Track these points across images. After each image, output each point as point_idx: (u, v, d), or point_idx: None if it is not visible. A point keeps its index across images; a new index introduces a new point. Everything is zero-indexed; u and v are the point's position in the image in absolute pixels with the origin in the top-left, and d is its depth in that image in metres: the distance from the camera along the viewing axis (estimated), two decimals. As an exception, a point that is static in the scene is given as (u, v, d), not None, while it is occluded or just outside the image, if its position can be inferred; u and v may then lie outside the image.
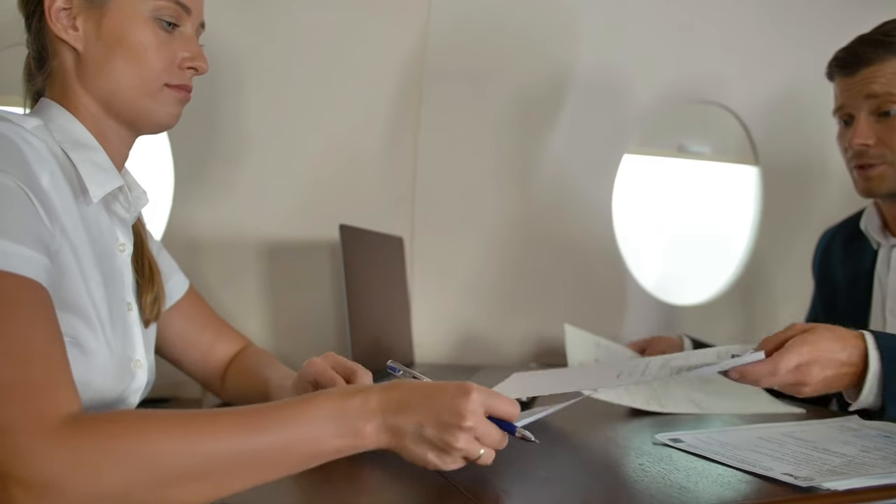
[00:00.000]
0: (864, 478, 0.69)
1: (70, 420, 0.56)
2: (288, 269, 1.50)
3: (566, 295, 1.77)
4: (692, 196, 2.02)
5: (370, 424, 0.64)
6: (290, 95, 1.46)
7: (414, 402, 0.65)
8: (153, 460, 0.56)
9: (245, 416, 0.62)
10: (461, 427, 0.64)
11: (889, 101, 1.12)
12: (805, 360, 0.85)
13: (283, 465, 0.62)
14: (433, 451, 0.65)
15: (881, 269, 1.24)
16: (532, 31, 1.64)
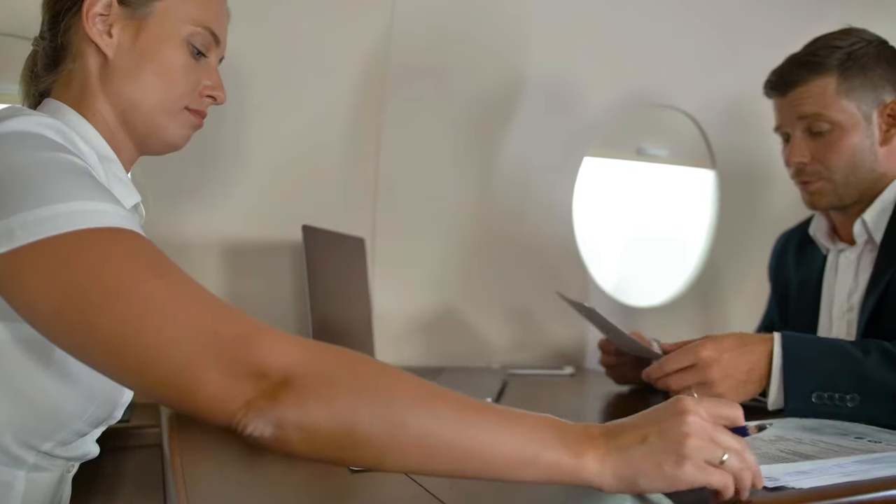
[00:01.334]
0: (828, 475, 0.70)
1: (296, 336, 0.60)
2: (248, 270, 1.47)
3: (527, 296, 1.78)
4: (651, 198, 2.05)
5: (592, 450, 0.59)
6: (252, 95, 1.44)
7: (632, 421, 0.62)
8: (385, 397, 0.57)
9: (466, 402, 0.59)
10: (688, 422, 0.59)
11: (819, 121, 1.16)
12: (697, 357, 0.93)
13: (493, 462, 0.58)
14: (668, 460, 0.58)
15: (829, 275, 1.27)
16: (493, 34, 1.65)
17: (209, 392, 0.55)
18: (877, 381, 0.89)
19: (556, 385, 1.47)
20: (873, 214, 1.17)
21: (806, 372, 0.90)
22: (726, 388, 0.94)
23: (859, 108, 1.16)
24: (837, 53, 1.15)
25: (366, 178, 1.61)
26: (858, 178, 1.17)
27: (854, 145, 1.16)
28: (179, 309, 0.57)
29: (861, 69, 1.15)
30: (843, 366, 0.90)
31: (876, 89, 1.16)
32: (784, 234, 1.46)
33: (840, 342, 0.94)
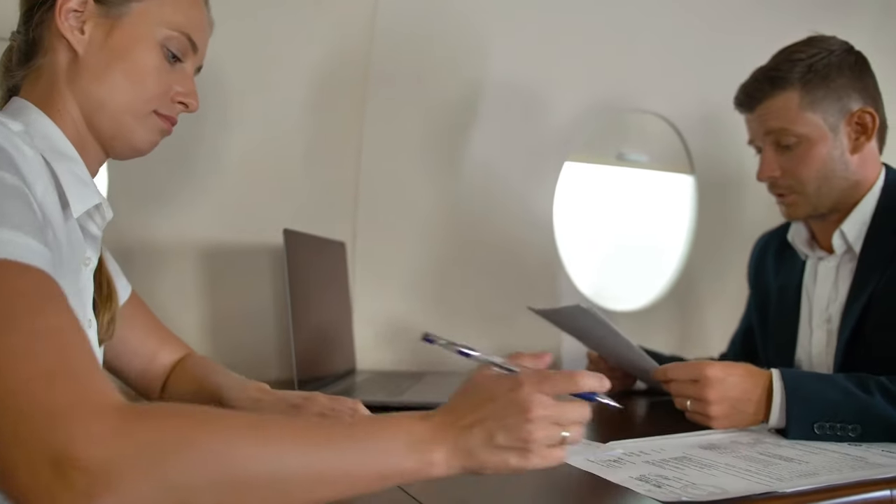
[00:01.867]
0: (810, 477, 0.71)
1: (126, 406, 0.52)
2: (227, 274, 1.46)
3: (507, 300, 1.78)
4: (631, 204, 2.06)
5: (440, 450, 0.60)
6: (231, 97, 1.43)
7: (475, 412, 0.61)
8: (221, 458, 0.52)
9: (313, 427, 0.58)
10: (530, 419, 0.61)
11: (785, 135, 1.16)
12: (701, 374, 0.95)
13: (351, 482, 0.58)
14: (514, 455, 0.61)
15: (808, 282, 1.27)
16: (473, 39, 1.65)
17: (13, 474, 0.48)
18: (878, 413, 0.90)
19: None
20: (852, 225, 1.17)
21: (808, 402, 0.92)
22: (719, 412, 0.95)
23: (825, 119, 1.15)
24: (798, 67, 1.15)
25: (346, 183, 1.60)
26: (832, 188, 1.17)
27: (823, 156, 1.16)
28: (15, 365, 0.51)
29: (823, 80, 1.14)
30: (846, 399, 0.91)
31: (840, 99, 1.15)
32: (763, 236, 1.46)
33: (840, 377, 0.95)
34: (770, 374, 0.96)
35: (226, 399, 0.93)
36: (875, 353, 1.08)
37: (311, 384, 1.23)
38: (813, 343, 1.22)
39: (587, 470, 0.78)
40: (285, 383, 1.44)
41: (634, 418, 1.19)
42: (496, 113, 1.70)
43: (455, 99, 1.66)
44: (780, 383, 0.94)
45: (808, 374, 0.97)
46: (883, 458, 0.81)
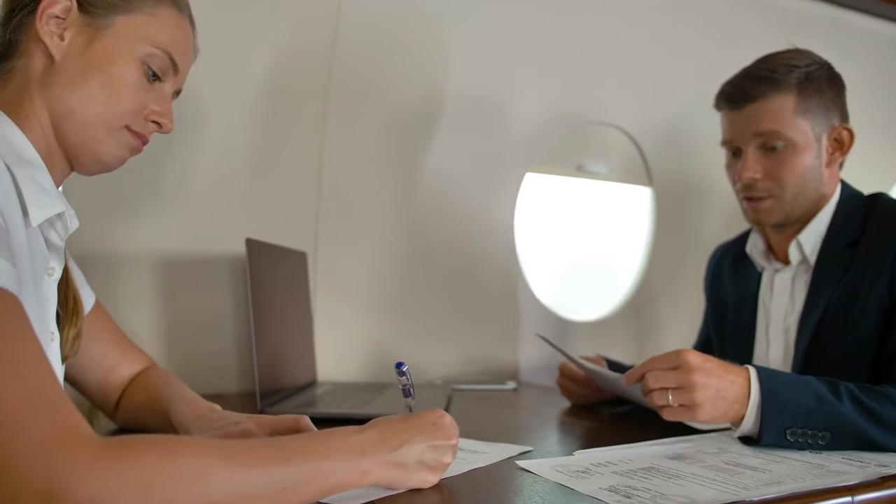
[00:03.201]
0: (775, 485, 0.72)
1: (104, 440, 0.53)
2: (186, 285, 1.43)
3: (470, 310, 1.78)
4: (591, 215, 2.08)
5: (372, 462, 0.68)
6: (192, 103, 1.40)
7: (406, 433, 0.72)
8: (200, 486, 0.55)
9: (272, 447, 0.64)
10: (451, 445, 0.75)
11: (775, 138, 1.16)
12: (683, 360, 0.92)
13: (304, 496, 0.63)
14: (430, 473, 0.73)
15: (764, 294, 1.29)
16: (434, 51, 1.65)
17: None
18: (847, 422, 0.91)
19: (501, 400, 1.47)
20: (808, 236, 1.20)
21: (783, 408, 0.90)
22: (705, 398, 0.91)
23: (812, 128, 1.17)
24: (796, 73, 1.16)
25: (307, 193, 1.58)
26: (805, 197, 1.19)
27: (805, 164, 1.17)
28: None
29: (817, 90, 1.16)
30: (819, 406, 0.91)
31: (828, 112, 1.18)
32: (720, 247, 1.49)
33: (813, 380, 0.94)
34: (746, 372, 0.93)
35: (174, 415, 0.91)
36: (832, 363, 1.11)
37: (273, 396, 1.21)
38: (770, 354, 1.24)
39: (556, 481, 0.78)
40: (246, 395, 1.42)
41: (598, 428, 1.20)
42: (458, 124, 1.70)
43: (417, 109, 1.66)
44: (758, 385, 0.92)
45: (782, 376, 0.94)
46: (843, 466, 0.83)
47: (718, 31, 1.95)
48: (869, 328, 1.09)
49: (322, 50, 1.53)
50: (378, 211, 1.66)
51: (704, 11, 1.92)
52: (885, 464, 0.84)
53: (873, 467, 0.82)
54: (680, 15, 1.90)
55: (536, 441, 1.04)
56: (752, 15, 1.97)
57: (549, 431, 1.19)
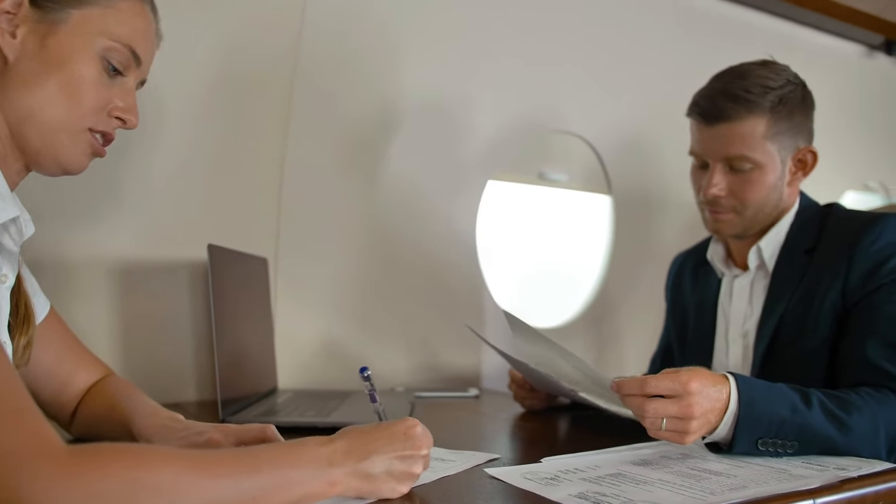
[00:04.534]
0: (740, 490, 0.73)
1: (71, 450, 0.52)
2: (143, 291, 1.40)
3: (431, 318, 1.78)
4: (551, 223, 2.09)
5: (340, 473, 0.67)
6: (152, 105, 1.37)
7: (375, 444, 0.70)
8: (169, 494, 0.54)
9: (241, 456, 0.63)
10: (422, 456, 0.73)
11: (743, 161, 1.17)
12: (686, 389, 0.87)
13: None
14: (399, 483, 0.71)
15: (724, 299, 1.32)
16: (397, 57, 1.65)
17: None
18: (816, 431, 0.92)
19: (463, 407, 1.47)
20: (768, 242, 1.23)
21: (758, 420, 0.90)
22: (699, 426, 0.88)
23: (779, 151, 1.19)
24: (770, 95, 1.16)
25: (268, 199, 1.56)
26: (765, 214, 1.22)
27: (770, 185, 1.19)
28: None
29: (788, 115, 1.17)
30: (792, 416, 0.91)
31: (795, 135, 1.20)
32: (680, 255, 1.52)
33: (787, 389, 0.95)
34: (727, 384, 0.91)
35: (135, 426, 0.88)
36: (789, 366, 1.14)
37: (234, 404, 1.19)
38: (730, 357, 1.27)
39: (525, 488, 0.78)
40: (205, 404, 1.39)
41: (561, 434, 1.21)
42: (421, 131, 1.70)
43: (380, 115, 1.66)
44: (736, 396, 0.90)
45: (758, 386, 0.93)
46: (804, 470, 0.84)
47: (676, 43, 1.99)
48: (824, 333, 1.12)
49: (285, 55, 1.51)
50: (340, 217, 1.65)
51: (663, 23, 1.96)
52: (842, 467, 0.85)
53: (832, 470, 0.84)
54: (639, 26, 1.94)
55: (501, 448, 1.04)
56: (710, 28, 2.01)
57: (513, 438, 1.19)
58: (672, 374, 0.89)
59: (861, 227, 1.14)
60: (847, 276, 1.11)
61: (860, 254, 1.11)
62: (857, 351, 1.07)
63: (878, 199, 2.71)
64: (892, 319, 1.07)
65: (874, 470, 0.84)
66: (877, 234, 1.12)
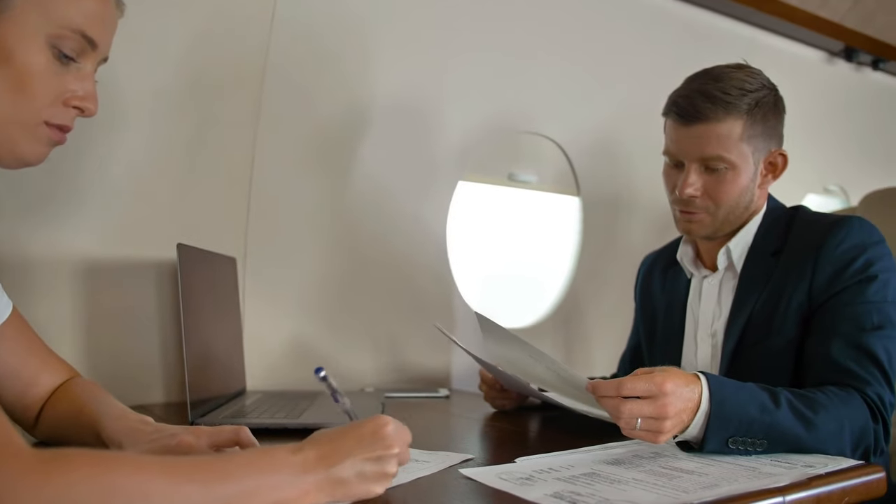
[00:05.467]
0: (712, 488, 0.74)
1: (39, 454, 0.51)
2: (108, 291, 1.37)
3: (401, 318, 1.77)
4: (521, 223, 2.10)
5: (312, 481, 0.66)
6: (118, 101, 1.35)
7: (344, 449, 0.68)
8: (140, 500, 0.53)
9: (212, 463, 0.62)
10: (393, 455, 0.70)
11: (718, 161, 1.18)
12: (661, 389, 0.88)
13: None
14: (373, 484, 0.69)
15: (693, 299, 1.34)
16: (368, 56, 1.64)
17: None
18: (784, 430, 0.94)
19: (434, 407, 1.47)
20: (736, 243, 1.25)
21: (729, 419, 0.92)
22: (673, 426, 0.89)
23: (753, 154, 1.20)
24: (747, 98, 1.17)
25: (237, 197, 1.54)
26: (736, 215, 1.23)
27: (743, 186, 1.21)
28: None
29: (763, 118, 1.19)
30: (761, 415, 0.93)
31: (768, 139, 1.22)
32: (649, 256, 1.53)
33: (756, 389, 0.96)
34: (699, 383, 0.93)
35: (103, 429, 0.86)
36: (756, 366, 1.16)
37: (203, 406, 1.17)
38: (698, 357, 1.28)
39: (500, 488, 0.78)
40: (172, 406, 1.37)
41: (532, 433, 1.21)
42: (392, 131, 1.70)
43: (349, 116, 1.65)
44: (708, 395, 0.92)
45: (729, 385, 0.95)
46: (773, 468, 0.86)
47: (645, 47, 2.01)
48: (790, 333, 1.15)
49: (255, 52, 1.50)
50: (310, 216, 1.64)
51: (632, 27, 1.98)
52: (810, 464, 0.87)
53: (800, 468, 0.85)
54: (608, 29, 1.95)
55: (474, 448, 1.04)
56: (677, 33, 2.04)
57: (484, 438, 1.19)
58: (647, 375, 0.90)
59: (826, 230, 1.16)
60: (813, 278, 1.14)
61: (825, 256, 1.14)
62: (823, 351, 1.10)
63: (838, 202, 2.78)
64: (856, 320, 1.09)
65: (840, 467, 0.86)
66: (841, 236, 1.14)
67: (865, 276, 1.11)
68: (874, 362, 1.06)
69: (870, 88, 2.55)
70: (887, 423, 1.05)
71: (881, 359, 1.07)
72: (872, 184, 2.01)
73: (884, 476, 0.86)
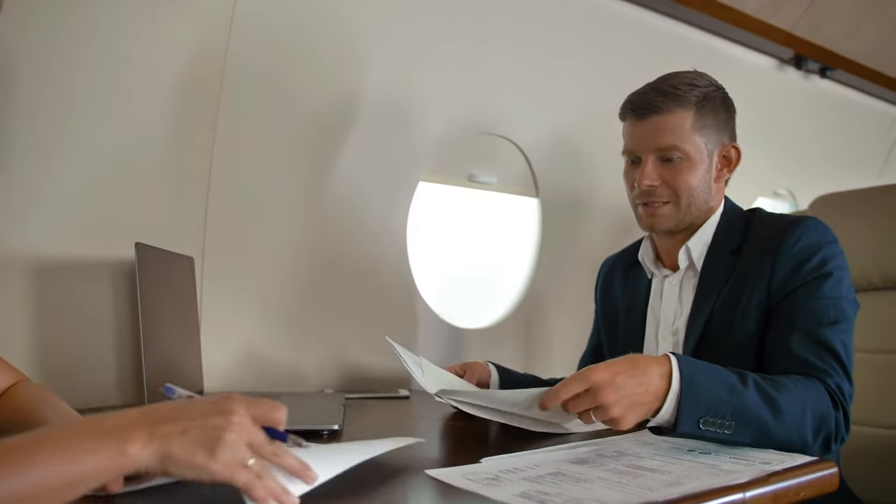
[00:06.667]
0: (676, 486, 0.76)
1: None
2: (59, 291, 1.33)
3: (361, 318, 1.76)
4: (482, 224, 2.11)
5: (133, 438, 0.58)
6: (69, 95, 1.31)
7: (179, 411, 0.61)
8: None
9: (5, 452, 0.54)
10: (230, 422, 0.61)
11: (673, 150, 1.25)
12: (590, 382, 0.93)
13: (55, 495, 0.55)
14: (201, 451, 0.60)
15: (654, 298, 1.37)
16: (333, 52, 1.63)
17: None
18: (750, 411, 0.97)
19: (394, 407, 1.47)
20: (696, 242, 1.30)
21: (699, 399, 0.95)
22: (622, 411, 0.93)
23: (706, 145, 1.27)
24: (696, 91, 1.25)
25: (195, 194, 1.51)
26: (696, 207, 1.28)
27: (698, 176, 1.27)
28: None
29: (712, 110, 1.27)
30: (729, 397, 0.96)
31: (719, 131, 1.29)
32: (609, 258, 1.56)
33: (725, 371, 1.00)
34: (666, 361, 0.97)
35: None
36: (717, 362, 1.17)
37: (161, 409, 1.14)
38: (659, 354, 1.31)
39: (467, 489, 0.78)
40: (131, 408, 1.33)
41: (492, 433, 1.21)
42: (354, 131, 1.69)
43: (311, 115, 1.63)
44: (678, 375, 0.95)
45: (698, 365, 0.98)
46: (732, 465, 0.88)
47: (605, 52, 2.04)
48: (751, 329, 1.19)
49: (214, 48, 1.47)
50: (270, 216, 1.62)
51: (592, 32, 2.00)
52: (767, 461, 0.90)
53: (758, 465, 0.88)
54: (569, 33, 1.97)
55: (434, 448, 1.04)
56: (637, 38, 2.07)
57: (446, 437, 1.19)
58: (575, 374, 0.95)
59: (783, 229, 1.21)
60: (772, 275, 1.19)
61: (783, 254, 1.19)
62: (784, 345, 1.15)
63: (787, 205, 2.86)
64: (813, 315, 1.14)
65: (796, 463, 0.89)
66: (798, 235, 1.19)
67: (821, 274, 1.17)
68: (832, 355, 1.12)
69: (817, 96, 2.63)
70: (847, 412, 1.10)
71: (839, 352, 1.12)
72: (819, 188, 2.08)
73: (836, 472, 0.90)
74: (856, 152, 3.01)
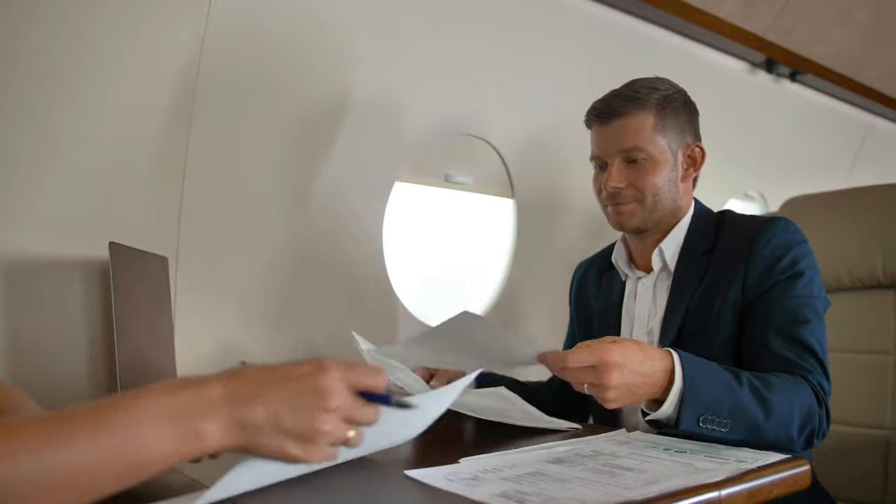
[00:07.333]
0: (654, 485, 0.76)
1: None
2: (29, 291, 1.30)
3: (338, 319, 1.75)
4: (458, 225, 2.12)
5: (211, 422, 0.53)
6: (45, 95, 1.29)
7: (264, 388, 0.55)
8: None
9: (49, 424, 0.50)
10: (326, 409, 0.56)
11: (636, 152, 1.28)
12: (601, 360, 0.94)
13: (102, 481, 0.50)
14: (295, 443, 0.56)
15: (628, 300, 1.39)
16: (312, 51, 1.62)
17: None
18: (746, 410, 1.00)
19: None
20: (669, 243, 1.32)
21: (700, 397, 0.97)
22: (617, 395, 0.95)
23: (669, 145, 1.31)
24: (656, 94, 1.29)
25: (170, 192, 1.50)
26: (663, 206, 1.31)
27: (663, 176, 1.30)
28: None
29: (673, 112, 1.31)
30: (727, 395, 0.99)
31: (682, 132, 1.32)
32: (583, 262, 1.58)
33: (722, 369, 1.02)
34: (668, 357, 0.99)
35: None
36: None
37: (135, 411, 1.13)
38: None
39: (447, 489, 0.78)
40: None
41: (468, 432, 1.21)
42: (332, 131, 1.68)
43: (286, 114, 1.62)
44: (681, 372, 0.97)
45: (698, 363, 1.01)
46: (708, 464, 0.89)
47: (580, 54, 2.05)
48: (727, 328, 1.22)
49: (189, 43, 1.45)
50: (245, 215, 1.60)
51: (568, 34, 2.01)
52: (742, 459, 0.91)
53: (733, 463, 0.89)
54: (544, 35, 1.98)
55: (408, 447, 1.04)
56: (612, 40, 2.08)
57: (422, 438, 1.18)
58: (587, 347, 0.96)
59: (756, 229, 1.24)
60: (746, 275, 1.21)
61: (756, 254, 1.21)
62: (761, 343, 1.17)
63: (758, 207, 2.90)
64: (788, 314, 1.17)
65: (769, 461, 0.90)
66: (769, 236, 1.22)
67: (793, 273, 1.20)
68: (811, 353, 1.15)
69: (787, 99, 2.67)
70: (828, 409, 1.13)
71: (815, 349, 1.15)
72: (789, 191, 2.12)
73: (808, 469, 0.91)
74: (825, 155, 3.07)
